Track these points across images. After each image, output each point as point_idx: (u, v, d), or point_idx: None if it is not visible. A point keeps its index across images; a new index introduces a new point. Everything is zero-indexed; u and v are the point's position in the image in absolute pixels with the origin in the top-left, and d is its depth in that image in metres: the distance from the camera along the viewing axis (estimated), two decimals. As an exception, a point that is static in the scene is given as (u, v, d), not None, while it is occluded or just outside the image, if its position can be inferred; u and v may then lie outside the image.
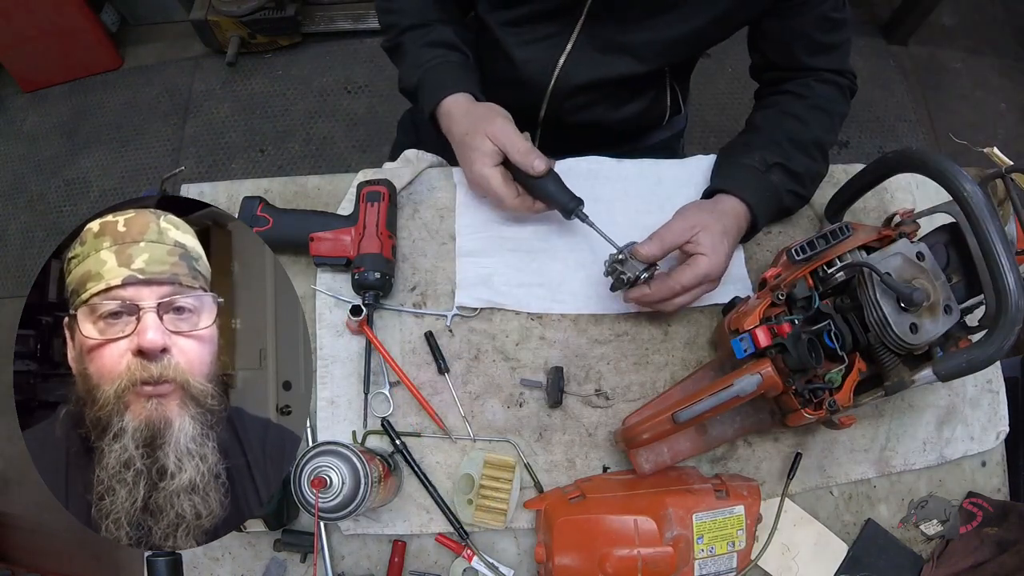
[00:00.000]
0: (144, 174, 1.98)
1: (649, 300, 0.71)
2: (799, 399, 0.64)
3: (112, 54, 2.10)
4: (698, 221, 0.71)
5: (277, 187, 0.84)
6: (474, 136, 0.73)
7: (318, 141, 2.00)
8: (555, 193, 0.73)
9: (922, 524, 0.76)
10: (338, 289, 0.78)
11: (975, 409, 0.78)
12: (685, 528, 0.65)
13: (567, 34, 0.81)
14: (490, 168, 0.73)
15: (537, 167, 0.71)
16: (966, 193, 0.58)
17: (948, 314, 0.62)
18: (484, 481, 0.70)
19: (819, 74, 0.81)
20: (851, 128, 2.00)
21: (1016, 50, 2.16)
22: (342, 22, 2.08)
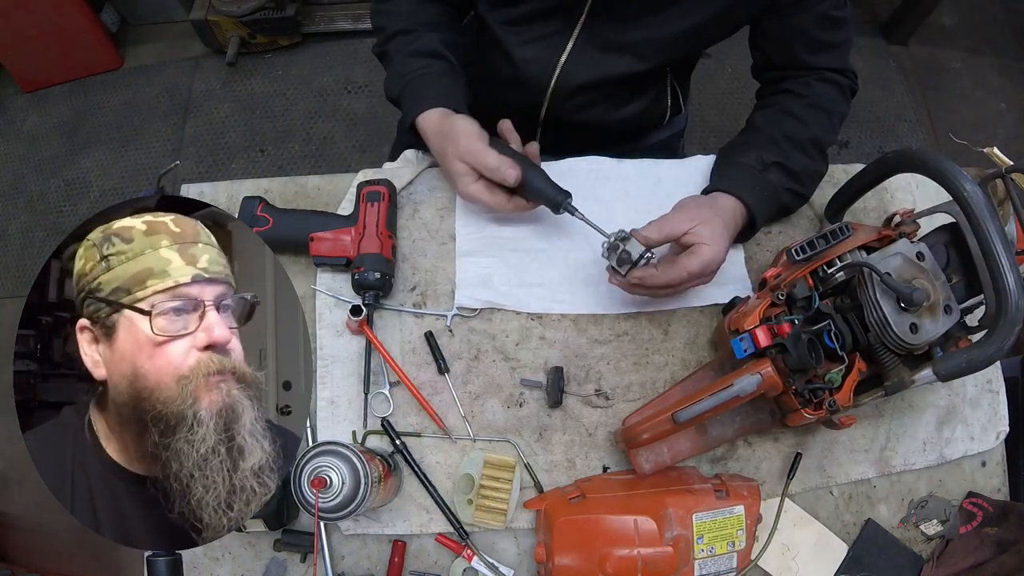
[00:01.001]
0: (144, 174, 1.98)
1: (654, 283, 0.70)
2: (799, 399, 0.64)
3: (112, 54, 2.10)
4: (698, 214, 0.71)
5: (277, 187, 0.84)
6: (445, 160, 0.75)
7: (318, 141, 2.00)
8: (542, 190, 0.73)
9: (922, 524, 0.76)
10: (338, 289, 0.78)
11: (975, 409, 0.78)
12: (685, 528, 0.65)
13: (568, 33, 0.81)
14: (473, 185, 0.74)
15: (509, 177, 0.71)
16: (966, 193, 0.58)
17: (948, 314, 0.62)
18: (484, 481, 0.71)
19: (820, 73, 0.81)
20: (851, 128, 2.00)
21: (1016, 50, 2.16)
22: (342, 22, 2.08)
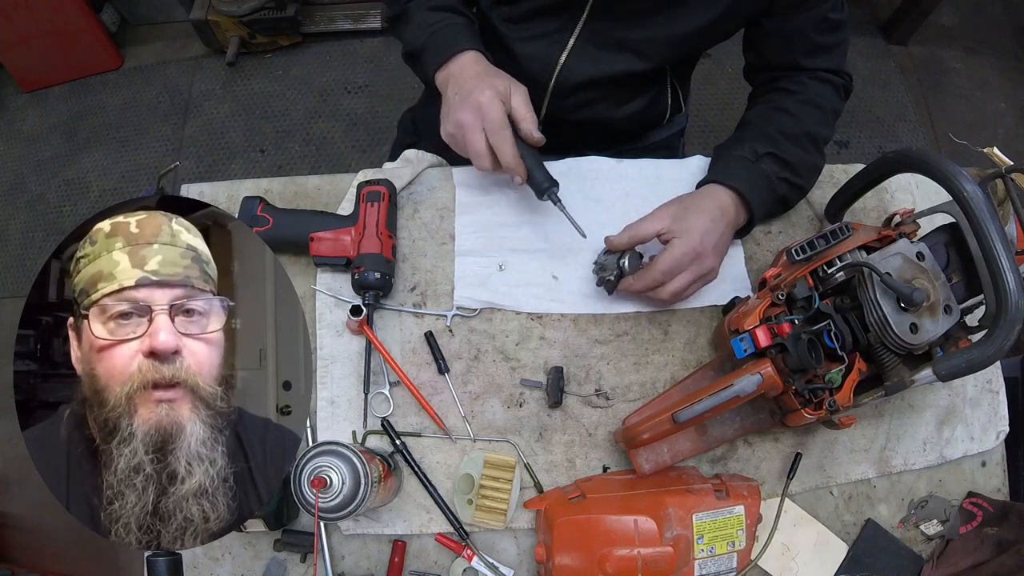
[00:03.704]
0: (144, 174, 1.98)
1: (634, 290, 0.73)
2: (799, 399, 0.64)
3: (112, 54, 2.10)
4: (667, 212, 0.72)
5: (277, 187, 0.84)
6: (493, 77, 0.72)
7: (318, 141, 2.00)
8: (533, 168, 0.73)
9: (922, 524, 0.76)
10: (338, 289, 0.78)
11: (975, 409, 0.78)
12: (685, 528, 0.65)
13: (569, 31, 0.81)
14: (500, 100, 0.70)
15: (535, 135, 0.71)
16: (966, 193, 0.58)
17: (948, 314, 0.62)
18: (484, 481, 0.70)
19: (814, 73, 0.81)
20: (851, 128, 1.99)
21: (1016, 50, 2.16)
22: (342, 22, 2.08)
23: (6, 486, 1.66)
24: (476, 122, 0.70)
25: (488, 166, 0.71)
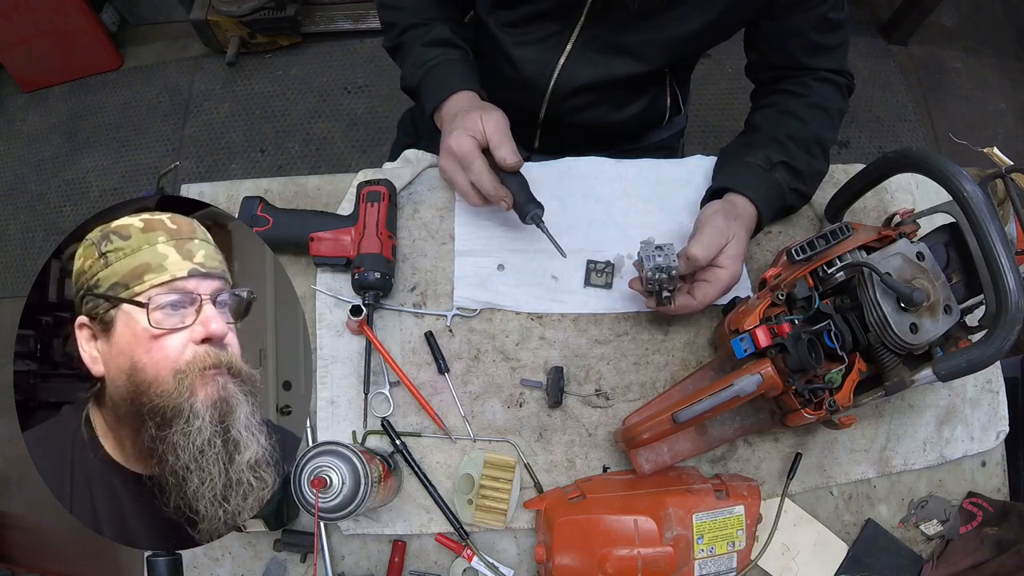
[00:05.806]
0: (144, 174, 1.98)
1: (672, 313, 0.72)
2: (799, 399, 0.64)
3: (112, 54, 2.10)
4: (729, 229, 0.71)
5: (277, 187, 0.84)
6: (467, 115, 0.73)
7: (318, 141, 2.00)
8: (516, 192, 0.73)
9: (922, 524, 0.76)
10: (338, 289, 0.78)
11: (975, 409, 0.78)
12: (685, 528, 0.65)
13: (566, 35, 0.81)
14: (469, 137, 0.71)
15: (509, 160, 0.71)
16: (966, 193, 0.58)
17: (948, 314, 0.62)
18: (484, 481, 0.71)
19: (816, 73, 0.81)
20: (851, 128, 2.00)
21: (1016, 50, 2.16)
22: (342, 22, 2.08)
23: (6, 486, 1.66)
24: (455, 165, 0.73)
25: (477, 202, 0.74)
